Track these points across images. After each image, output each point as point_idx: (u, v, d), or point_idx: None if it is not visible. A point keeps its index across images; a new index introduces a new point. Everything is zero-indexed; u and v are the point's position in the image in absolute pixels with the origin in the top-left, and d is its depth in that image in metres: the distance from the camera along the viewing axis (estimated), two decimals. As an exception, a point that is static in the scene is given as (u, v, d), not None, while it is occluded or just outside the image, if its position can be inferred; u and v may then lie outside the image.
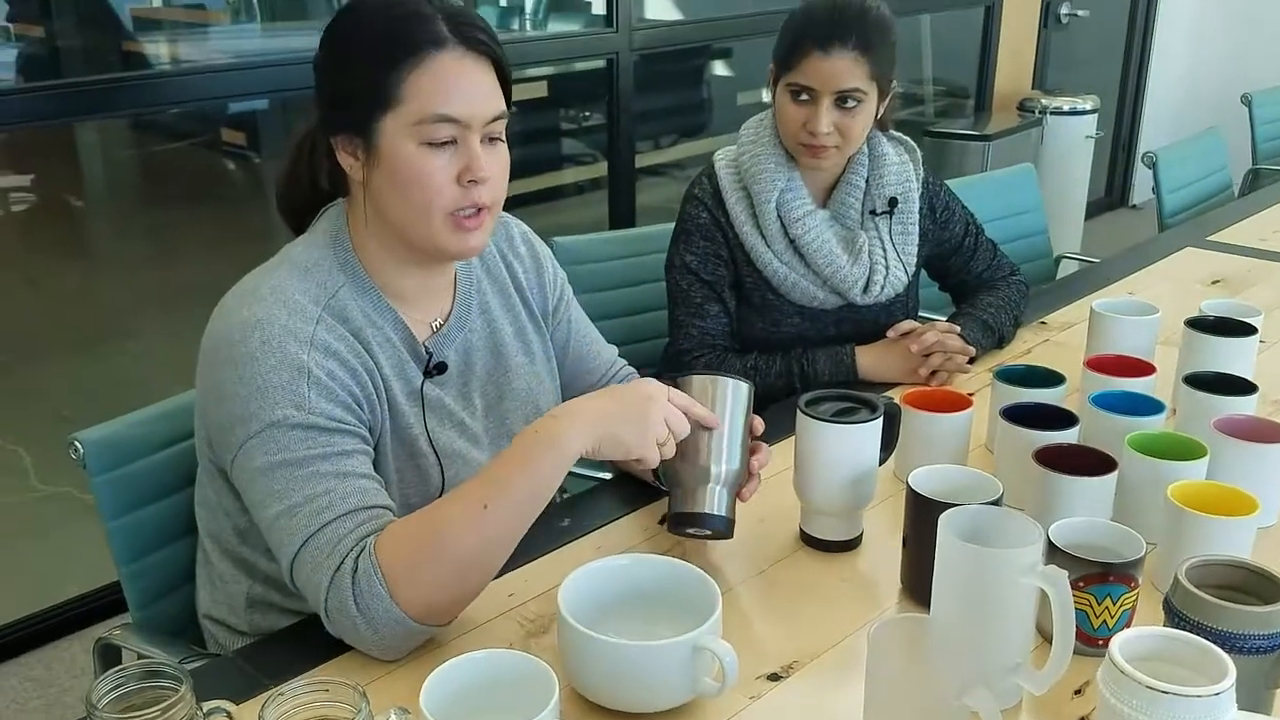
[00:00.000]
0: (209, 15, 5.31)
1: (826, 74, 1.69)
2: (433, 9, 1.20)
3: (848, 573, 1.30)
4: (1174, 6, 5.83)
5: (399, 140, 1.19)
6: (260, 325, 1.16)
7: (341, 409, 1.17)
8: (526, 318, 1.45)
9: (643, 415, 1.15)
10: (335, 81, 1.22)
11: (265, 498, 1.13)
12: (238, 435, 1.15)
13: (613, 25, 3.30)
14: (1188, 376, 1.50)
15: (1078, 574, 1.09)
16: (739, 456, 1.25)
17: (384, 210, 1.23)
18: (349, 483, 1.13)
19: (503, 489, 1.09)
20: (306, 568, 1.10)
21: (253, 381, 1.14)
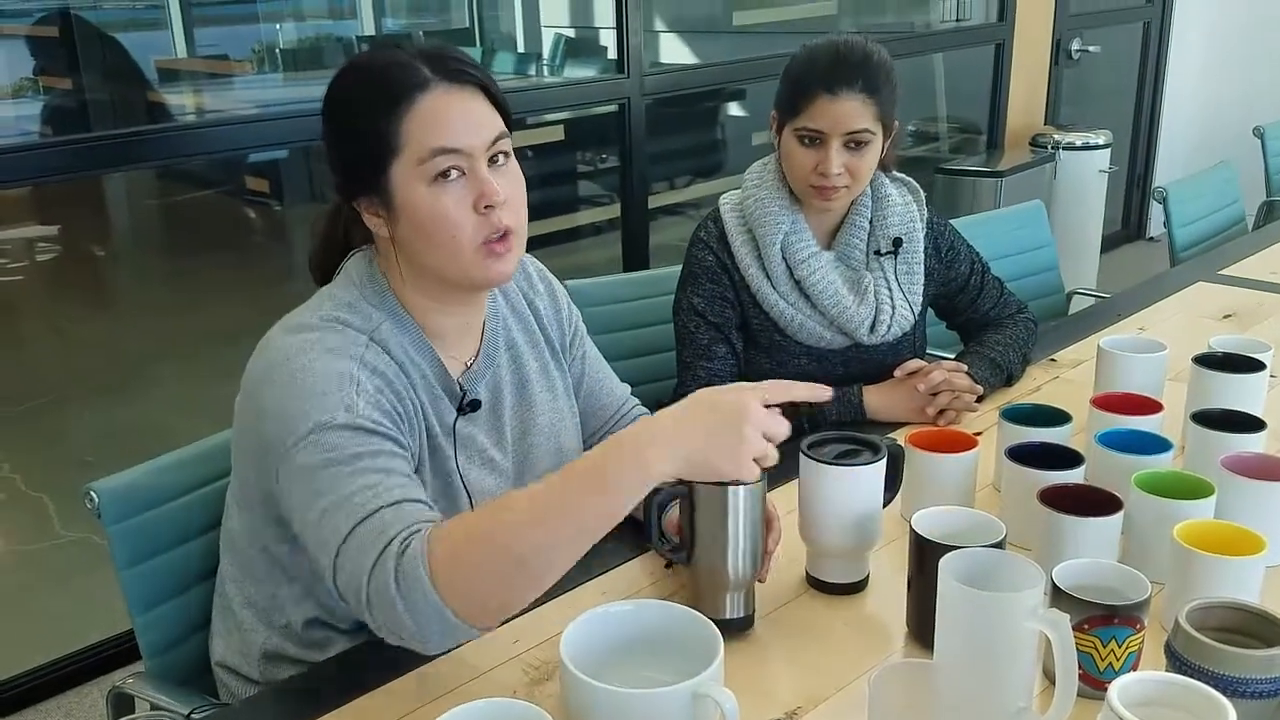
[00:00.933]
0: (232, 66, 5.41)
1: (835, 117, 1.71)
2: (409, 54, 1.22)
3: (853, 616, 1.30)
4: (1186, 40, 5.84)
5: (410, 186, 1.21)
6: (309, 344, 1.20)
7: (388, 419, 1.19)
8: (549, 354, 1.47)
9: (737, 433, 1.04)
10: (341, 149, 1.26)
11: (313, 496, 1.13)
12: (287, 442, 1.15)
13: (624, 71, 3.34)
14: (1196, 414, 1.50)
15: (1082, 616, 1.09)
16: (756, 557, 1.24)
17: (416, 257, 1.25)
18: (394, 479, 1.13)
19: (575, 502, 1.03)
20: (352, 552, 1.08)
21: (301, 390, 1.16)
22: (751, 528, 1.22)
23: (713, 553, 1.21)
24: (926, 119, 5.49)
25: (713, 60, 4.23)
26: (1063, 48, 5.26)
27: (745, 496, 1.20)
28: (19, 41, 3.81)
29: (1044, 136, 4.96)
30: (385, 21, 6.22)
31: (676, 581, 1.34)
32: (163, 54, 4.92)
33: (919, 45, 4.93)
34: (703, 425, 1.05)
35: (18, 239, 4.05)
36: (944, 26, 5.10)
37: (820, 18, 5.59)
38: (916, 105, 5.41)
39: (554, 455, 1.44)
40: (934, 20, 5.23)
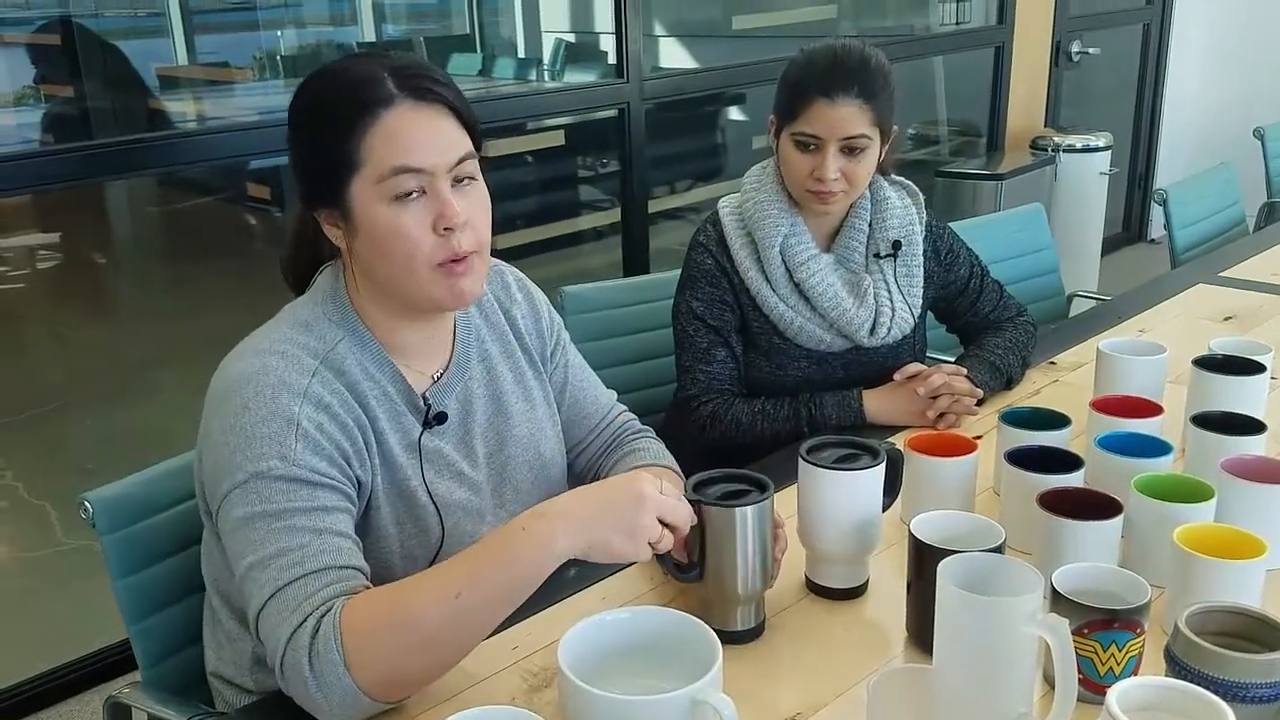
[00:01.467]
0: (233, 73, 5.42)
1: (832, 122, 1.71)
2: (379, 68, 1.21)
3: (853, 621, 1.29)
4: (1186, 41, 5.84)
5: (369, 202, 1.21)
6: (256, 377, 1.19)
7: (327, 463, 1.18)
8: (526, 364, 1.46)
9: (633, 518, 1.10)
10: (303, 159, 1.25)
11: (242, 548, 1.14)
12: (223, 486, 1.16)
13: (623, 76, 3.34)
14: (1195, 416, 1.49)
15: (1082, 621, 1.09)
16: (765, 572, 1.23)
17: (373, 272, 1.25)
18: (324, 540, 1.14)
19: (479, 580, 1.08)
20: (270, 621, 1.10)
21: (242, 432, 1.16)
22: (759, 543, 1.21)
23: (722, 569, 1.20)
24: (926, 122, 5.48)
25: (713, 65, 4.22)
26: (1062, 50, 5.26)
27: (753, 514, 1.19)
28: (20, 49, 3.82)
29: (1044, 139, 4.95)
30: (386, 28, 6.23)
31: (676, 588, 1.33)
32: (164, 62, 4.93)
33: (919, 48, 4.93)
34: (604, 509, 1.11)
35: (19, 247, 4.06)
36: (944, 29, 5.10)
37: (820, 21, 5.59)
38: (916, 109, 5.41)
39: (533, 467, 1.44)
40: (934, 23, 5.22)
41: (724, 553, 1.19)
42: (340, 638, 1.06)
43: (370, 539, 1.26)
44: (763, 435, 1.79)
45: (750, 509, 1.19)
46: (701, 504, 1.19)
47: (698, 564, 1.20)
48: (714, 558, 1.20)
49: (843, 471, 1.27)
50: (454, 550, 1.31)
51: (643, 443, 1.54)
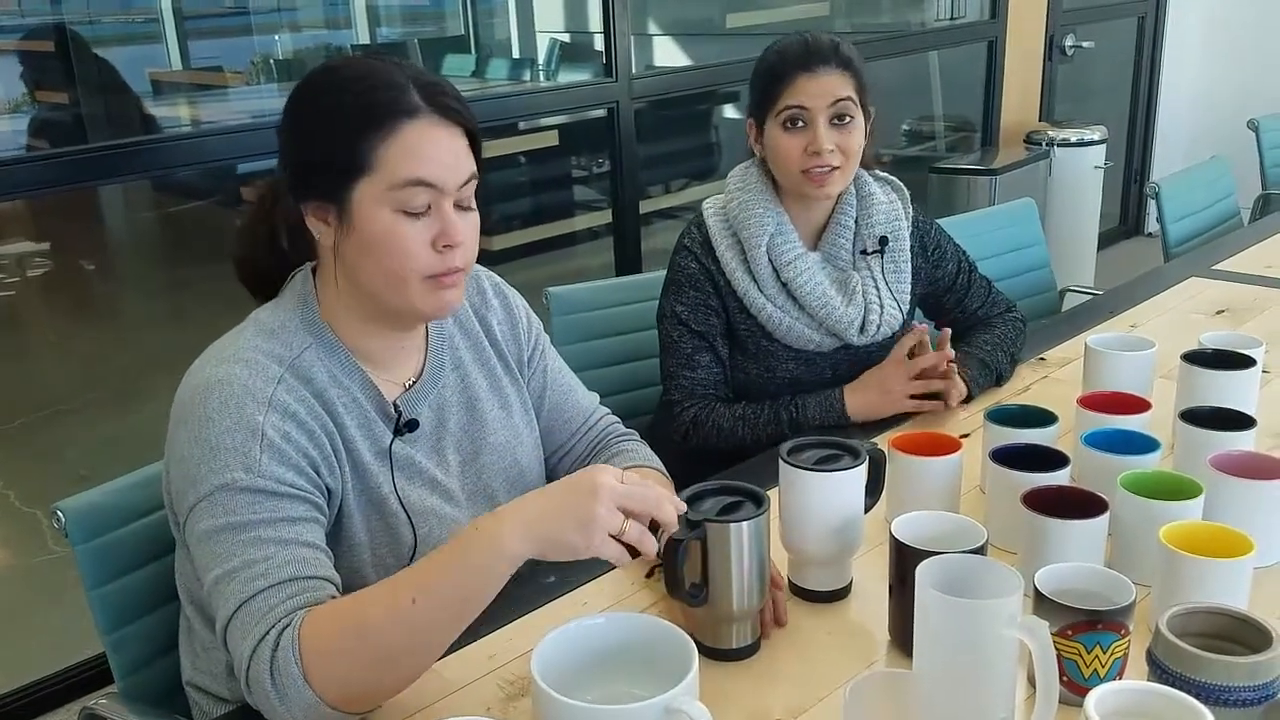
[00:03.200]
0: (226, 78, 5.40)
1: (817, 91, 1.71)
2: (405, 77, 1.20)
3: (836, 624, 1.27)
4: (1180, 34, 5.82)
5: (373, 207, 1.19)
6: (220, 386, 1.17)
7: (294, 473, 1.17)
8: (502, 370, 1.44)
9: (586, 510, 1.04)
10: (305, 149, 1.23)
11: (209, 561, 1.12)
12: (189, 499, 1.15)
13: (612, 75, 3.32)
14: (1184, 412, 1.47)
15: (1065, 622, 1.07)
16: (760, 590, 1.20)
17: (357, 275, 1.23)
18: (289, 550, 1.12)
19: (433, 585, 1.05)
20: (235, 634, 1.09)
21: (206, 443, 1.14)
22: (755, 560, 1.17)
23: (717, 586, 1.17)
24: (921, 118, 5.46)
25: (707, 63, 4.20)
26: (1056, 44, 5.24)
27: (749, 530, 1.16)
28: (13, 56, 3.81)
29: (1039, 133, 4.93)
30: (380, 30, 6.22)
31: (659, 592, 1.32)
32: (157, 66, 4.91)
33: (912, 44, 4.91)
34: (555, 504, 1.06)
35: (11, 253, 4.04)
36: (937, 24, 5.08)
37: (813, 19, 5.58)
38: (910, 104, 5.39)
39: (509, 474, 1.41)
40: (928, 19, 5.20)
41: (719, 569, 1.16)
42: (299, 650, 1.04)
43: (342, 548, 1.24)
44: (744, 440, 1.77)
45: (746, 525, 1.15)
46: (703, 523, 1.15)
47: (704, 585, 1.17)
48: (714, 575, 1.16)
49: (824, 473, 1.25)
50: None
51: (629, 445, 1.52)
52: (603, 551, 1.05)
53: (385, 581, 1.09)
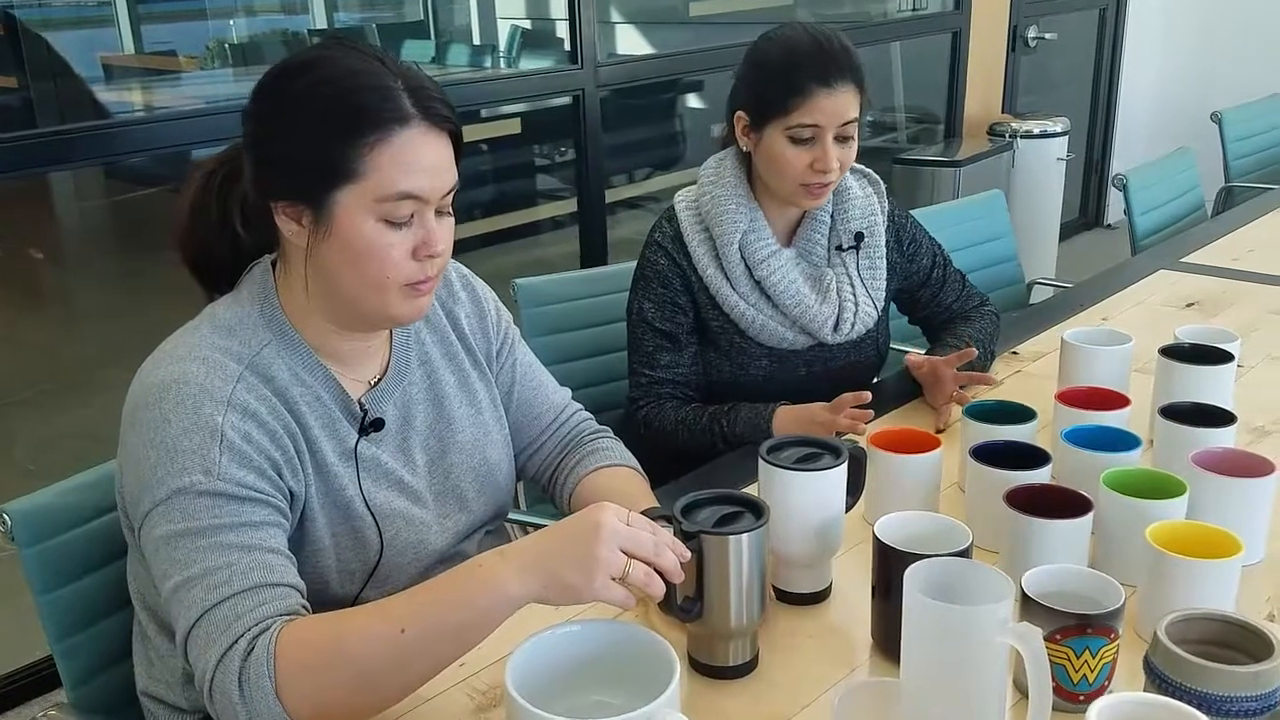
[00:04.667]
0: (180, 62, 5.29)
1: (832, 110, 1.65)
2: (397, 81, 1.14)
3: (818, 627, 1.24)
4: (1142, 26, 5.85)
5: (357, 215, 1.13)
6: (175, 385, 1.11)
7: (255, 475, 1.11)
8: (470, 365, 1.39)
9: (588, 552, 0.99)
10: (282, 144, 1.15)
11: (167, 569, 1.07)
12: (144, 504, 1.09)
13: (578, 62, 3.27)
14: (1164, 408, 1.46)
15: (1054, 626, 1.04)
16: (759, 604, 1.15)
17: (332, 280, 1.18)
18: (253, 556, 1.07)
19: (427, 617, 1.01)
20: (199, 644, 1.03)
21: (162, 445, 1.09)
22: (755, 574, 1.13)
23: (713, 601, 1.12)
24: (884, 109, 5.45)
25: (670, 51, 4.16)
26: (1019, 35, 5.24)
27: (748, 542, 1.11)
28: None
29: (1002, 125, 4.93)
30: (338, 15, 6.11)
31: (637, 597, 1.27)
32: (109, 51, 4.80)
33: (876, 34, 4.89)
34: (557, 545, 1.02)
35: (-43, 241, 3.93)
36: (900, 15, 5.06)
37: (777, 8, 5.55)
38: (874, 95, 5.37)
39: (478, 473, 1.37)
40: (890, 9, 5.19)
41: (716, 584, 1.11)
42: (274, 663, 0.99)
43: (305, 553, 1.19)
44: (685, 445, 1.72)
45: (746, 537, 1.10)
46: (699, 535, 1.10)
47: (697, 600, 1.12)
48: (710, 590, 1.12)
49: (806, 472, 1.21)
50: (393, 563, 1.26)
51: (604, 442, 1.48)
52: (603, 594, 1.00)
53: (375, 605, 1.05)
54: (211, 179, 1.25)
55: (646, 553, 1.02)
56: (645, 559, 1.02)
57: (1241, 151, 3.79)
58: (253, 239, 1.25)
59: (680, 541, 1.07)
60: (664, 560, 1.03)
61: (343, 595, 1.24)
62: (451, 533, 1.33)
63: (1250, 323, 2.06)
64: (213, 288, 1.28)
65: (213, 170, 1.25)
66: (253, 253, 1.26)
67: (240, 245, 1.25)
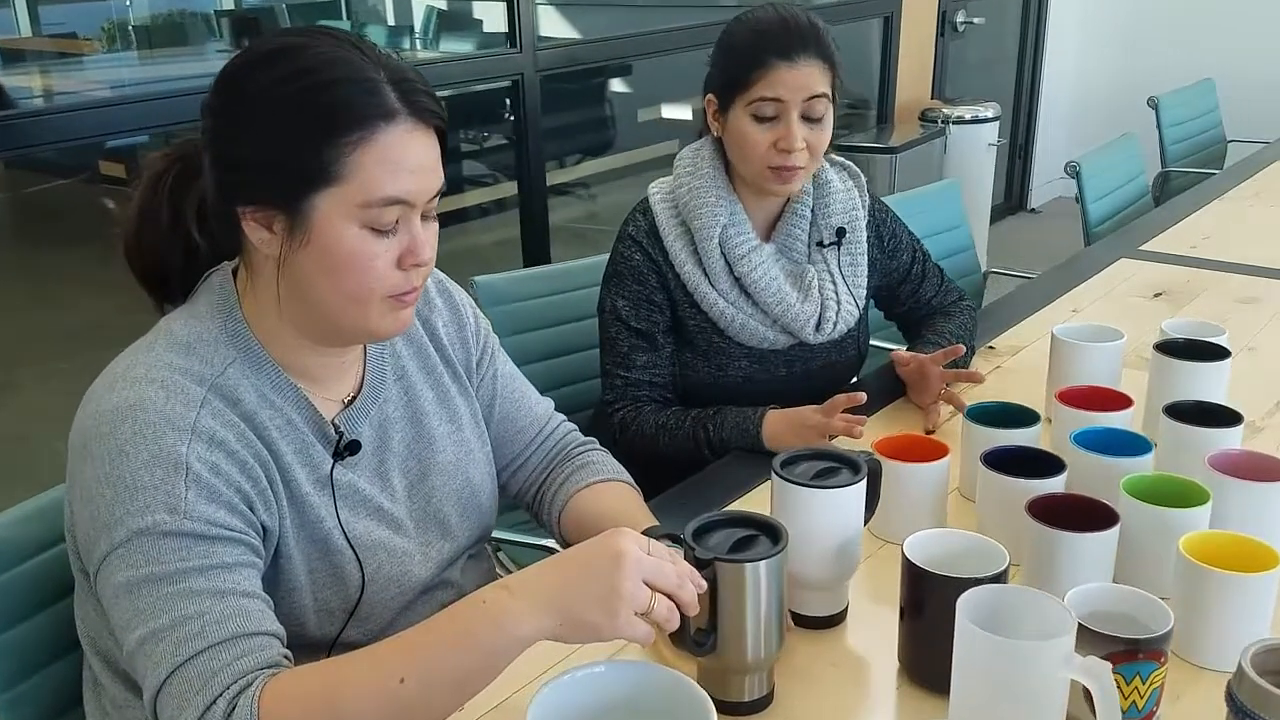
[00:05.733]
0: (81, 45, 5.03)
1: (794, 84, 1.57)
2: (379, 73, 1.03)
3: (837, 653, 1.17)
4: (1064, 12, 5.90)
5: (338, 222, 1.03)
6: (132, 413, 1.00)
7: (226, 511, 1.00)
8: (450, 379, 1.29)
9: (611, 586, 0.91)
10: (251, 145, 1.03)
11: (130, 619, 0.96)
12: (101, 546, 0.98)
13: (516, 45, 3.15)
14: (1169, 408, 1.41)
15: (1102, 652, 0.98)
16: (777, 635, 1.07)
17: (308, 292, 1.07)
18: (227, 603, 0.97)
19: (428, 664, 0.92)
20: (172, 704, 0.92)
21: (120, 481, 0.97)
22: (773, 604, 1.05)
23: (729, 633, 1.04)
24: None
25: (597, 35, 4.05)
26: (948, 20, 5.24)
27: (765, 570, 1.03)
28: None
29: (933, 111, 4.92)
30: (246, -4, 5.89)
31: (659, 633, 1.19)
32: (4, 33, 4.55)
33: (811, 18, 4.84)
34: (572, 577, 0.94)
35: None
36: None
37: (704, -11, 5.48)
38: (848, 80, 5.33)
39: (461, 496, 1.26)
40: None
41: (731, 614, 1.03)
42: None
43: (280, 593, 1.08)
44: (665, 451, 1.63)
45: (764, 564, 1.02)
46: (714, 562, 1.02)
47: (711, 631, 1.03)
48: (726, 621, 1.04)
49: (826, 490, 1.14)
50: (375, 599, 1.15)
51: (593, 455, 1.39)
52: (625, 632, 0.92)
53: (368, 652, 0.95)
54: (161, 181, 1.12)
55: (670, 585, 0.95)
56: (668, 591, 0.94)
57: (1176, 137, 3.81)
58: (210, 245, 1.13)
59: (696, 571, 0.99)
60: (685, 594, 0.96)
61: (321, 637, 1.13)
62: (435, 562, 1.23)
63: (1221, 313, 2.05)
64: (165, 299, 1.16)
65: (162, 171, 1.12)
66: (209, 260, 1.14)
67: (195, 252, 1.13)
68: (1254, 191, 2.98)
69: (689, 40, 3.94)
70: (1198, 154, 3.92)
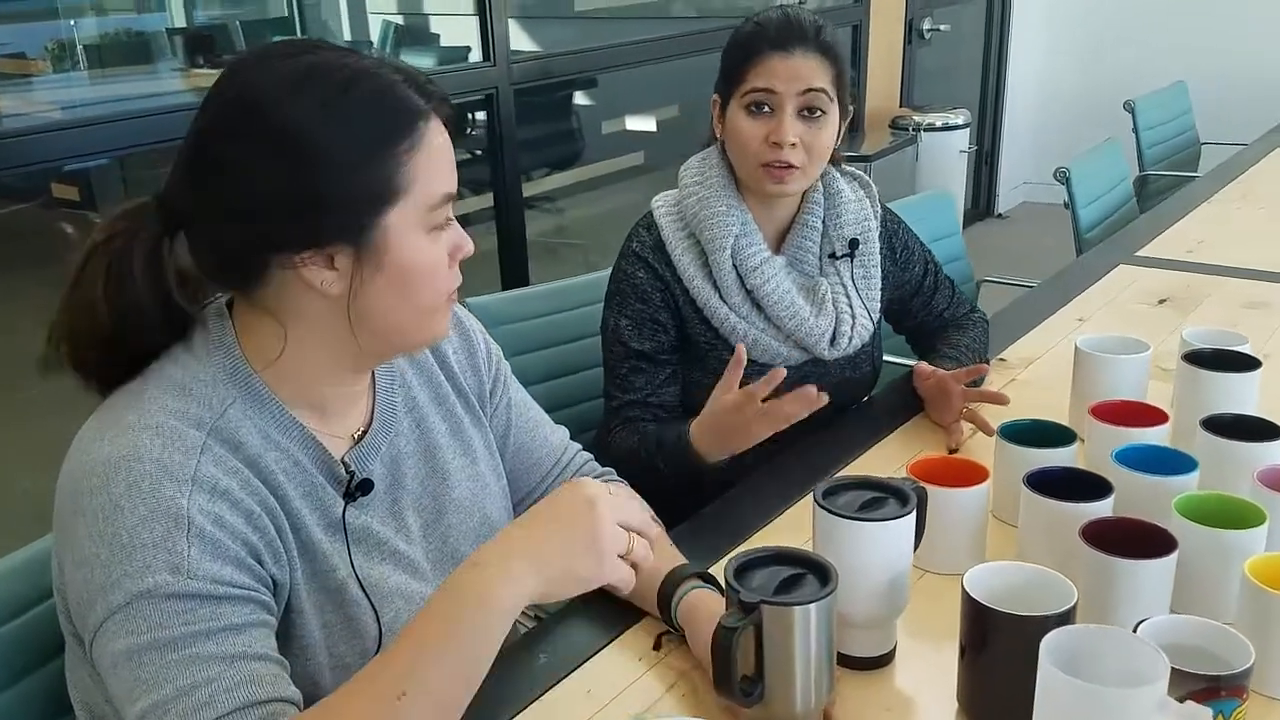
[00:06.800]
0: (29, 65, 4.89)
1: (787, 74, 1.52)
2: (395, 74, 0.98)
3: (889, 695, 1.09)
4: (1027, 18, 5.91)
5: (409, 234, 0.97)
6: (126, 464, 0.91)
7: (233, 567, 0.92)
8: (462, 409, 1.21)
9: (592, 529, 0.93)
10: (303, 181, 0.93)
11: (132, 688, 0.88)
12: (98, 610, 0.89)
13: (490, 59, 3.08)
14: (1208, 422, 1.36)
15: (1183, 690, 0.92)
16: (828, 681, 1.01)
17: (384, 317, 0.99)
18: (238, 669, 0.89)
19: (422, 671, 0.88)
20: None
21: (115, 539, 0.89)
22: (823, 648, 0.98)
23: (779, 682, 0.98)
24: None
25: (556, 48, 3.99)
26: (915, 27, 5.23)
27: (817, 613, 0.96)
28: None
29: (904, 119, 4.90)
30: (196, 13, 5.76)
31: (678, 668, 1.12)
32: (-54, 51, 4.41)
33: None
34: (553, 528, 0.94)
35: None
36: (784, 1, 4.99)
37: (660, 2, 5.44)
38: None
39: (478, 535, 1.18)
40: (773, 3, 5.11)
41: (779, 661, 0.97)
42: None
43: (292, 650, 1.00)
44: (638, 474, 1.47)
45: (813, 607, 0.96)
46: (762, 603, 0.96)
47: (758, 680, 0.97)
48: (773, 668, 0.97)
49: (877, 523, 1.07)
50: None
51: (610, 486, 1.31)
52: (613, 576, 0.94)
53: (360, 678, 0.89)
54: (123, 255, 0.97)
55: (640, 523, 0.97)
56: (639, 530, 0.97)
57: (1152, 140, 3.80)
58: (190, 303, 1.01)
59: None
60: (652, 530, 0.99)
61: None
62: None
63: (1230, 319, 2.01)
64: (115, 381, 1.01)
65: (154, 247, 0.97)
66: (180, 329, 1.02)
67: (176, 315, 1.01)
68: (1239, 194, 2.96)
69: (661, 52, 3.89)
70: (1173, 157, 3.92)
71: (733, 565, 1.01)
